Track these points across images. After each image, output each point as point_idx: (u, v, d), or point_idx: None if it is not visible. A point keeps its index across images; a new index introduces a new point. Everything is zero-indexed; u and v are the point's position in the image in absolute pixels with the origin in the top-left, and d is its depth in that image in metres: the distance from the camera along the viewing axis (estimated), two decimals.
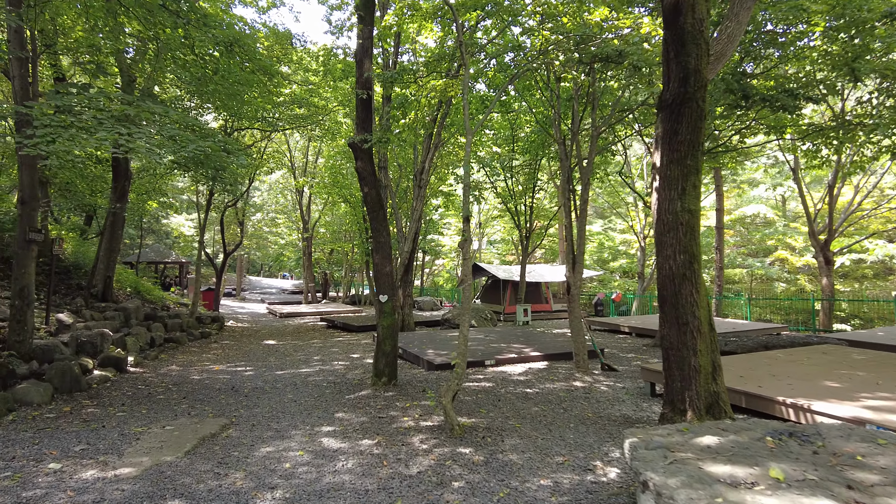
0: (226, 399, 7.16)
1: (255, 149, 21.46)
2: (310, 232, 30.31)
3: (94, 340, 9.26)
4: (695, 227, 5.12)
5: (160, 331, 13.21)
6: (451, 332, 13.96)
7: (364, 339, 14.37)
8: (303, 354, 11.71)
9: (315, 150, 30.90)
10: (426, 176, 14.66)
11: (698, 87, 4.85)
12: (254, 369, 9.78)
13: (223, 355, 11.71)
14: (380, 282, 7.74)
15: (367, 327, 16.74)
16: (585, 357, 8.87)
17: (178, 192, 31.12)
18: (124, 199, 14.89)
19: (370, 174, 7.74)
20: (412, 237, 14.65)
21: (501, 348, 10.75)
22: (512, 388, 7.69)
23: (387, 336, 7.57)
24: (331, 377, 8.73)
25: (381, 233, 7.78)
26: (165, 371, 9.52)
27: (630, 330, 15.26)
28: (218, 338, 15.46)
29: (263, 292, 39.73)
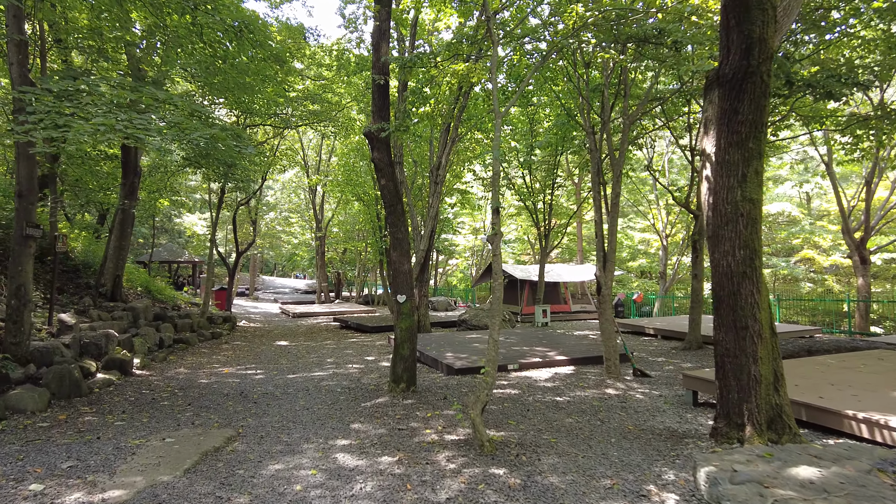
0: (233, 406, 6.68)
1: (267, 146, 21.09)
2: (323, 231, 29.93)
3: (99, 342, 8.84)
4: (757, 219, 4.53)
5: (169, 331, 12.82)
6: (469, 333, 13.41)
7: (379, 341, 13.88)
8: (316, 356, 11.23)
9: (328, 149, 30.52)
10: (443, 171, 14.15)
11: (763, 58, 4.26)
12: (264, 372, 9.32)
13: (233, 357, 11.28)
14: (397, 281, 7.21)
15: (381, 328, 16.25)
16: (617, 362, 8.28)
17: (190, 190, 30.93)
18: (134, 195, 14.53)
19: (387, 165, 7.22)
20: (428, 235, 14.14)
21: (524, 352, 10.18)
22: (540, 395, 7.12)
23: (405, 339, 7.05)
24: (345, 382, 8.23)
25: (398, 228, 7.26)
26: (172, 374, 9.09)
27: (655, 332, 14.61)
28: (229, 338, 15.06)
29: (277, 292, 39.46)
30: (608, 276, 8.16)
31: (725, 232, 4.57)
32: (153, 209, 20.09)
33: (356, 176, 23.32)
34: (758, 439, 4.52)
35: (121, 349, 9.58)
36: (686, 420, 5.90)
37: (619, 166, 8.18)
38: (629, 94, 8.50)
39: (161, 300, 17.38)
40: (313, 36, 20.07)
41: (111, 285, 14.03)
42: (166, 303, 17.32)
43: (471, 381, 8.15)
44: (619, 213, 34.57)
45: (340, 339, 14.92)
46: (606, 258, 8.18)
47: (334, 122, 18.47)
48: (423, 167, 19.83)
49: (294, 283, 50.65)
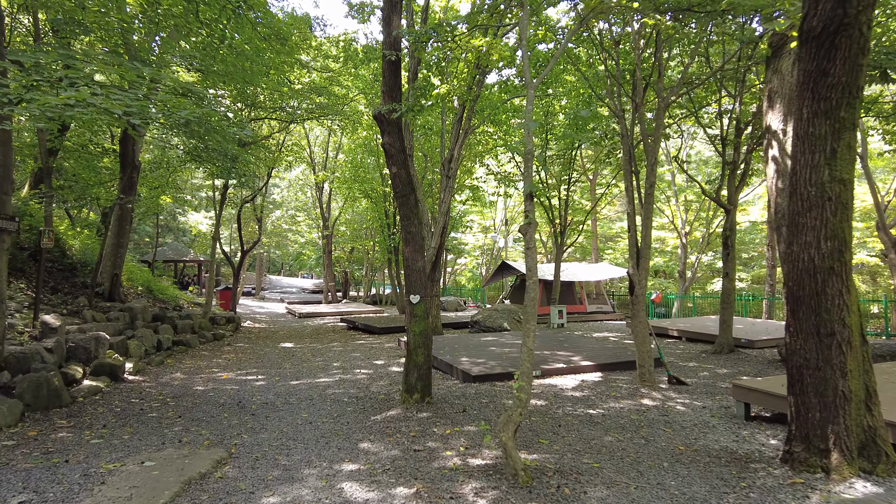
0: (228, 418, 5.98)
1: (273, 141, 20.45)
2: (330, 229, 29.30)
3: (88, 345, 8.18)
4: (848, 204, 3.77)
5: (168, 333, 12.18)
6: (483, 336, 12.68)
7: (388, 343, 13.17)
8: (321, 360, 10.54)
9: (335, 146, 29.87)
10: (455, 165, 13.42)
11: (863, 6, 3.50)
12: (266, 378, 8.63)
13: (234, 360, 10.61)
14: (410, 279, 6.50)
15: (389, 329, 15.56)
16: (651, 369, 7.52)
17: (195, 188, 30.38)
18: (132, 190, 13.90)
19: (399, 151, 6.50)
20: (440, 232, 13.42)
21: (545, 356, 9.44)
22: (570, 407, 6.38)
23: (419, 344, 6.32)
24: (353, 390, 7.52)
25: (411, 221, 6.54)
26: (167, 379, 8.42)
27: (680, 334, 13.81)
28: (232, 340, 14.42)
29: (283, 291, 38.89)
30: (642, 274, 7.40)
31: (807, 220, 3.82)
32: (155, 206, 19.50)
33: (364, 172, 22.65)
34: (847, 469, 3.76)
35: (113, 353, 8.93)
36: (743, 438, 5.14)
37: (653, 153, 7.41)
38: (664, 74, 7.73)
39: (162, 300, 16.77)
40: (320, 26, 19.42)
41: (109, 284, 13.41)
42: (168, 303, 16.71)
43: (490, 389, 7.41)
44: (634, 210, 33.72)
45: (348, 340, 14.24)
46: (640, 255, 7.42)
47: (342, 116, 17.76)
48: (434, 161, 19.12)
49: (301, 282, 50.12)
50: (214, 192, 18.38)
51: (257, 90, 16.87)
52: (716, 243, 21.93)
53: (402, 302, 21.77)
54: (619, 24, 8.15)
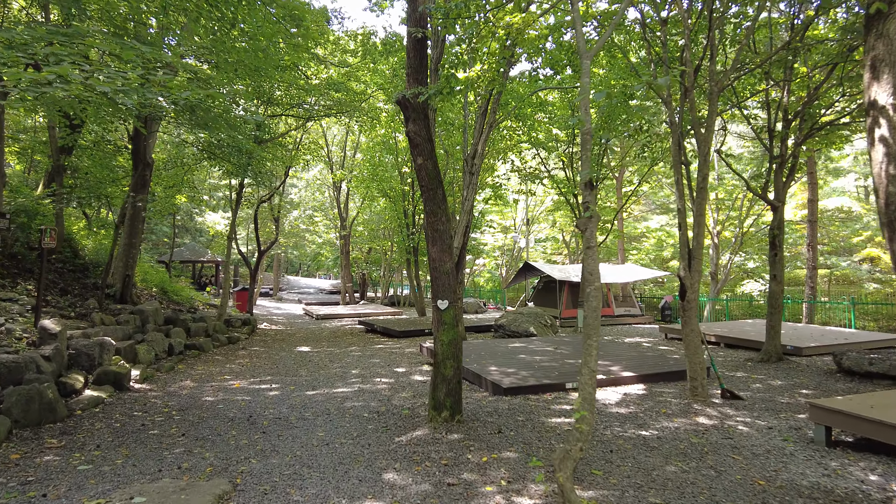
0: (237, 437, 5.38)
1: (289, 139, 19.97)
2: (348, 229, 28.81)
3: (91, 352, 7.67)
4: None
5: (181, 336, 11.68)
6: (511, 342, 11.98)
7: (408, 348, 12.53)
8: (339, 366, 9.93)
9: (353, 145, 29.39)
10: (479, 160, 12.73)
11: None
12: (280, 387, 8.04)
13: (248, 366, 10.05)
14: (437, 283, 5.83)
15: (409, 333, 14.93)
16: (704, 382, 6.76)
17: (212, 188, 30.11)
18: (145, 189, 13.47)
19: (425, 140, 5.84)
20: (462, 231, 12.73)
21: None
22: (619, 427, 5.66)
23: (448, 355, 5.64)
24: (374, 402, 6.88)
25: (438, 218, 5.87)
26: (176, 388, 7.87)
27: (718, 339, 12.97)
28: (247, 343, 13.90)
29: (301, 292, 38.55)
30: (695, 276, 6.64)
31: None
32: (170, 206, 19.13)
33: (382, 171, 22.08)
34: None
35: (119, 359, 8.41)
36: (834, 472, 4.38)
37: (706, 143, 6.66)
38: (717, 54, 6.97)
39: (177, 301, 16.37)
40: (337, 19, 18.88)
41: (121, 286, 12.98)
42: (182, 304, 16.29)
43: (523, 404, 6.71)
44: (665, 209, 32.34)
45: (366, 344, 13.64)
46: (692, 255, 6.66)
47: (360, 112, 17.18)
48: (455, 158, 18.46)
49: (319, 283, 49.81)
50: (231, 191, 17.94)
51: (273, 86, 16.42)
52: (748, 243, 20.93)
53: (421, 304, 21.14)
54: (661, 6, 7.41)
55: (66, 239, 13.44)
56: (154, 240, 35.31)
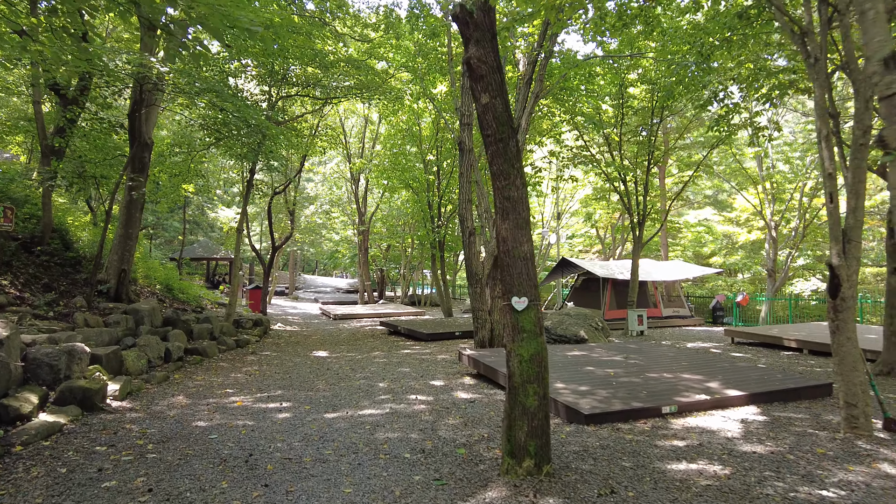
0: (228, 493, 3.73)
1: (305, 124, 18.41)
2: (366, 225, 27.23)
3: (55, 361, 6.10)
4: None
5: (180, 340, 10.13)
6: (564, 349, 10.24)
7: (440, 354, 10.85)
8: (363, 377, 8.28)
9: (371, 136, 27.81)
10: (522, 137, 11.01)
11: None
12: (292, 405, 6.40)
13: (256, 376, 8.44)
14: (510, 271, 4.10)
15: (438, 336, 13.26)
16: (867, 410, 4.96)
17: (226, 182, 28.71)
18: (144, 173, 11.95)
19: (492, 69, 4.14)
20: None
21: (666, 381, 6.94)
22: (775, 480, 3.90)
23: (530, 377, 3.91)
24: (414, 433, 5.20)
25: (511, 181, 4.15)
26: (163, 407, 6.27)
27: (799, 345, 11.08)
28: (258, 347, 12.34)
29: (317, 291, 37.15)
30: (852, 265, 4.85)
31: None
32: (177, 196, 17.66)
33: (404, 160, 20.46)
34: None
35: (96, 370, 6.84)
36: None
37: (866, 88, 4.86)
38: None
39: (182, 300, 14.87)
40: None
41: (115, 282, 11.47)
42: (188, 303, 14.79)
43: (616, 437, 4.98)
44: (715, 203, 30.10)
45: (391, 348, 11.99)
46: (848, 235, 4.86)
47: (384, 91, 15.52)
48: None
49: (335, 281, 48.46)
50: (242, 174, 16.42)
51: (287, 64, 14.87)
52: (810, 237, 18.89)
53: (448, 303, 19.45)
54: None
55: (57, 229, 11.98)
56: (167, 237, 34.11)
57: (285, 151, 15.81)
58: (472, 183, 10.69)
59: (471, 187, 10.62)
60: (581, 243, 33.65)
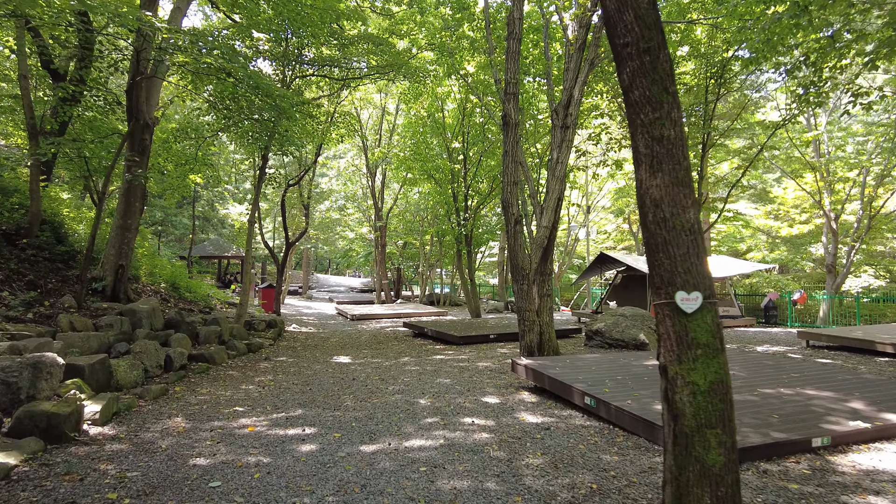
0: None
1: (321, 109, 17.04)
2: (383, 220, 25.86)
3: (13, 378, 4.75)
4: None
5: (184, 345, 8.81)
6: (633, 356, 8.78)
7: (479, 361, 9.43)
8: (397, 390, 6.87)
9: (389, 127, 26.43)
10: (575, 110, 9.55)
11: None
12: (317, 433, 5.02)
13: (272, 388, 7.08)
14: (667, 252, 2.64)
15: (471, 339, 11.85)
16: None
17: (238, 175, 27.49)
18: (144, 157, 10.66)
19: None
20: (553, 206, 9.57)
21: (790, 399, 5.46)
22: None
23: (709, 418, 2.44)
24: (489, 482, 3.77)
25: (666, 112, 2.69)
26: (153, 436, 4.91)
27: None
28: (272, 351, 11.02)
29: (331, 290, 35.91)
30: None
31: None
32: (184, 188, 16.40)
33: (426, 148, 19.03)
34: None
35: (74, 385, 5.50)
36: None
37: None
38: None
39: (189, 300, 13.58)
40: None
41: (112, 279, 10.19)
42: (195, 303, 13.50)
43: (781, 490, 3.52)
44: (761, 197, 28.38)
45: (420, 353, 10.60)
46: None
47: (407, 71, 14.09)
48: (536, 104, 15.24)
49: (349, 281, 47.30)
50: (254, 163, 15.13)
51: (302, 42, 13.53)
52: (876, 229, 17.18)
53: (476, 302, 18.00)
54: None
55: (48, 220, 10.71)
56: (176, 234, 33.00)
57: (300, 139, 14.46)
58: (517, 164, 9.25)
59: (517, 168, 9.19)
60: (608, 238, 32.03)
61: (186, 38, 7.96)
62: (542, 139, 16.43)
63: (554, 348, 9.34)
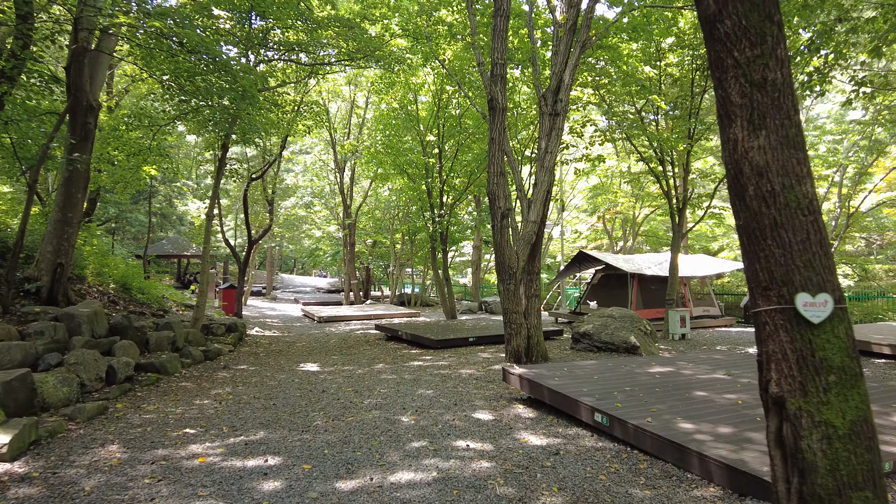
0: None
1: (286, 97, 16.01)
2: (353, 217, 24.86)
3: None
4: None
5: (130, 353, 7.80)
6: (630, 362, 8.16)
7: (462, 368, 8.65)
8: (375, 406, 6.03)
9: (358, 121, 25.44)
10: (565, 96, 8.87)
11: None
12: (283, 464, 4.16)
13: (230, 404, 6.15)
14: (782, 238, 1.89)
15: (449, 342, 11.08)
16: None
17: (197, 171, 26.05)
18: (88, 142, 9.53)
19: None
20: (542, 199, 8.88)
21: None
22: None
23: (853, 474, 1.71)
24: None
25: (770, 49, 1.95)
26: (77, 474, 3.97)
27: (894, 352, 9.18)
28: (232, 359, 10.03)
29: (297, 291, 34.62)
30: None
31: None
32: (137, 181, 15.14)
33: (399, 140, 18.15)
34: None
35: None
36: None
37: None
38: None
39: (141, 302, 12.39)
40: None
41: (49, 279, 9.03)
42: (148, 305, 12.33)
43: None
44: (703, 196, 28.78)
45: (395, 359, 9.77)
46: None
47: (382, 55, 13.20)
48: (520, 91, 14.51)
49: (315, 281, 45.96)
50: (214, 153, 14.05)
51: (267, 25, 12.54)
52: (854, 228, 17.09)
53: (451, 303, 17.19)
54: None
55: None
56: (132, 232, 31.21)
57: (264, 126, 13.43)
58: (503, 153, 8.52)
59: (503, 158, 8.45)
60: (580, 237, 31.69)
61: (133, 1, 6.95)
62: (521, 133, 15.76)
63: (542, 353, 8.64)
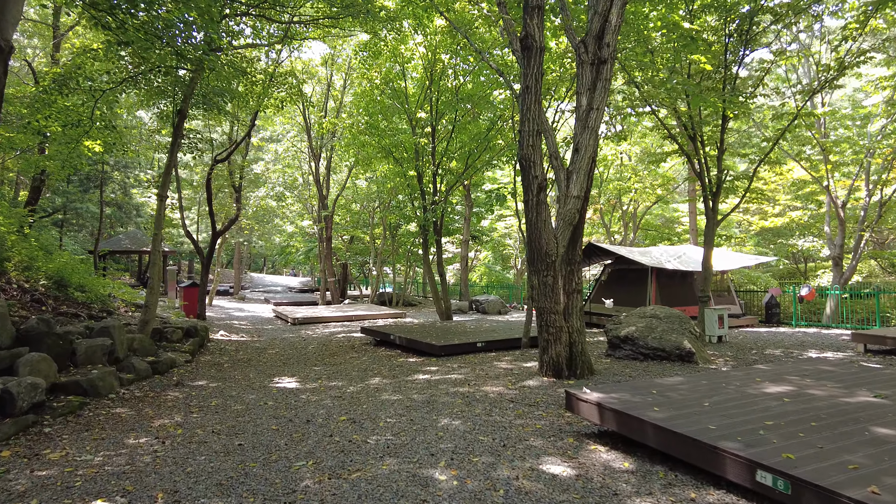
0: None
1: (258, 68, 13.86)
2: (329, 210, 22.74)
3: None
4: None
5: (42, 370, 5.73)
6: (728, 379, 6.41)
7: (486, 384, 6.76)
8: (385, 446, 4.09)
9: (336, 101, 23.34)
10: (612, 40, 7.07)
11: None
12: None
13: (177, 445, 4.13)
14: None
15: (455, 348, 9.24)
16: None
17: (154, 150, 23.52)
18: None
19: None
20: (587, 167, 7.04)
21: None
22: None
23: None
24: None
25: None
26: None
27: None
28: (189, 371, 7.98)
29: (267, 290, 32.26)
30: None
31: None
32: (76, 159, 12.79)
33: (383, 121, 16.16)
34: None
35: None
36: None
37: None
38: None
39: (78, 301, 10.11)
40: None
41: None
42: (89, 305, 10.09)
43: None
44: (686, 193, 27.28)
45: (393, 371, 7.85)
46: None
47: (373, 9, 11.17)
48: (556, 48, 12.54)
49: (287, 280, 43.58)
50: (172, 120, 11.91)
51: None
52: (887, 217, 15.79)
53: (446, 303, 15.27)
54: None
55: None
56: (84, 225, 28.36)
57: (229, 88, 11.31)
58: (540, 107, 6.67)
59: (539, 112, 6.61)
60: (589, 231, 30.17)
61: None
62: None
63: (588, 364, 6.82)
